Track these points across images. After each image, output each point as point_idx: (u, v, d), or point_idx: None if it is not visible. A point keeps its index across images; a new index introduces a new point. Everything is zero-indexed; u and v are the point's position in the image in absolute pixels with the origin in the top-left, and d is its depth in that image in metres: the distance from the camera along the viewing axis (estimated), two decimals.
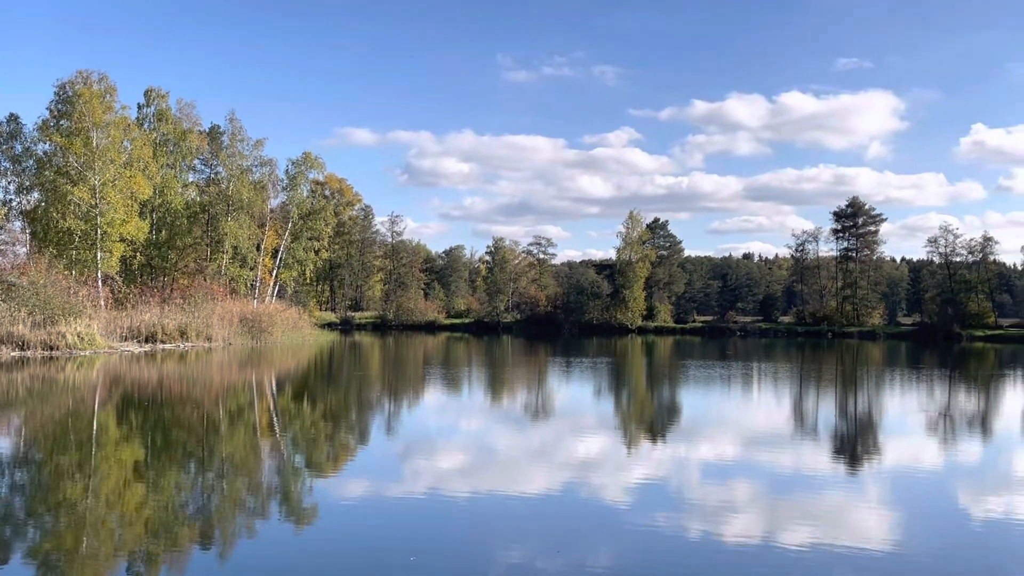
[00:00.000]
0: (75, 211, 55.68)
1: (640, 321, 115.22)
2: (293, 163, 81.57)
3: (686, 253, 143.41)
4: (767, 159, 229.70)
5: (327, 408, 27.44)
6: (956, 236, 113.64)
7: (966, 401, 32.77)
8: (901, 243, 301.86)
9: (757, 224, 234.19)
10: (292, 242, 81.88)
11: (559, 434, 21.98)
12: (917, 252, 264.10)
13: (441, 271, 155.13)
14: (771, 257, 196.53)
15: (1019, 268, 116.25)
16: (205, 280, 66.21)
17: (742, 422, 25.32)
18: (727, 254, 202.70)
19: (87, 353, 42.95)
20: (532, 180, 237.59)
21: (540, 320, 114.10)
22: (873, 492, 15.24)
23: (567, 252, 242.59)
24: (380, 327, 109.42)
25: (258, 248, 76.24)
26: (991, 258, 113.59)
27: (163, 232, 70.03)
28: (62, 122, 57.72)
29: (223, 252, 71.73)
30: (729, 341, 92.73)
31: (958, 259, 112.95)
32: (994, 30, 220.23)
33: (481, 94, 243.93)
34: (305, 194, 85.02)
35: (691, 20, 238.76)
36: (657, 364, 53.98)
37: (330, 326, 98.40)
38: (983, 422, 26.23)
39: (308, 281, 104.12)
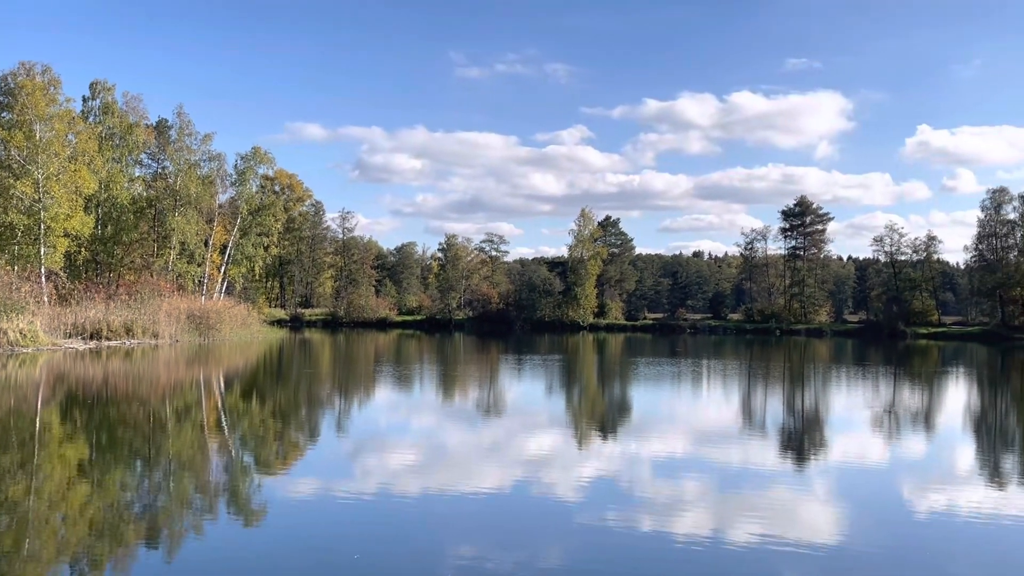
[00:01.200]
0: (17, 205, 54.48)
1: (592, 318, 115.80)
2: (242, 158, 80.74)
3: (637, 251, 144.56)
4: (717, 158, 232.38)
5: (276, 406, 27.18)
6: (901, 235, 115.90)
7: (910, 398, 33.38)
8: (848, 242, 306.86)
9: (707, 222, 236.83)
10: (241, 238, 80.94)
11: (510, 432, 21.99)
12: (863, 251, 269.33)
13: (393, 268, 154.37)
14: (721, 255, 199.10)
15: (962, 267, 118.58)
16: (152, 276, 65.23)
17: (691, 419, 25.55)
18: (678, 252, 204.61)
19: (30, 350, 42.09)
20: (485, 177, 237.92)
21: (492, 317, 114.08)
22: (820, 487, 15.45)
23: (520, 249, 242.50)
24: (331, 324, 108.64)
25: (206, 244, 75.26)
26: (935, 257, 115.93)
27: (109, 227, 68.82)
28: (4, 115, 56.58)
29: (170, 248, 70.72)
30: (679, 338, 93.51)
31: (903, 258, 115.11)
32: (939, 32, 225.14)
33: (433, 90, 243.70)
34: (254, 189, 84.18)
35: (643, 19, 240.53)
36: (608, 361, 54.26)
37: (279, 323, 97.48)
38: (926, 418, 26.74)
39: (257, 277, 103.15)
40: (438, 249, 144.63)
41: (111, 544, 11.15)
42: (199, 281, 74.22)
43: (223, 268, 79.17)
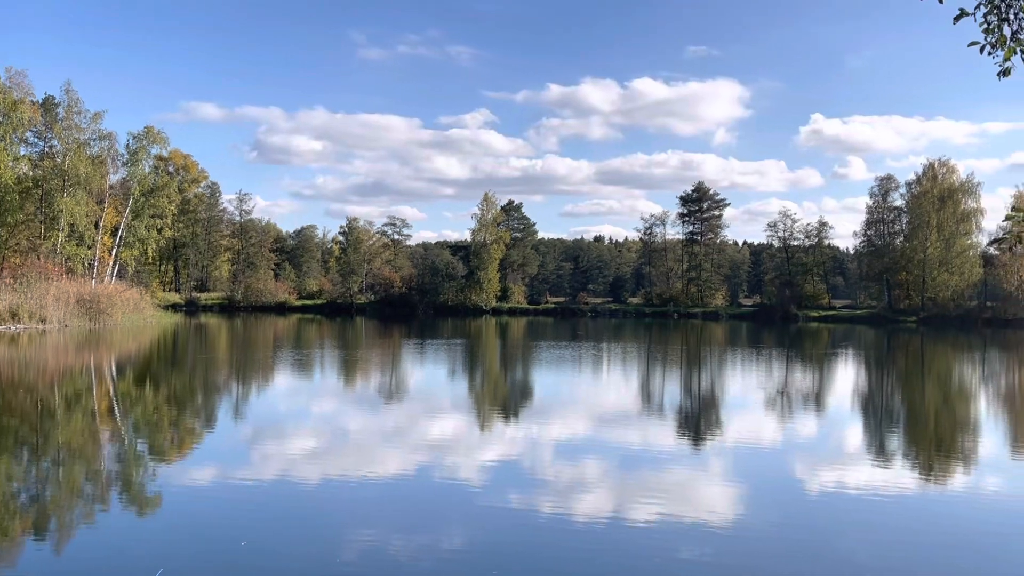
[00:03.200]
0: None
1: (494, 302, 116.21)
2: (134, 137, 78.46)
3: (540, 235, 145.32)
4: (619, 144, 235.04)
5: (171, 392, 26.50)
6: (794, 221, 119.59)
7: (801, 379, 34.45)
8: (744, 227, 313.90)
9: (608, 207, 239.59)
10: (133, 220, 78.60)
11: (412, 416, 21.90)
12: (758, 236, 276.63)
13: (292, 251, 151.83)
14: (621, 240, 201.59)
15: (851, 252, 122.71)
16: (39, 259, 62.83)
17: (592, 401, 25.88)
18: (579, 237, 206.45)
19: None
20: (387, 160, 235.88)
21: (395, 301, 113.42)
22: (716, 467, 15.82)
23: (423, 233, 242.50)
24: (228, 309, 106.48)
25: (96, 226, 72.87)
26: (826, 242, 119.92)
27: None
28: None
29: (58, 230, 68.19)
30: (580, 322, 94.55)
31: (796, 243, 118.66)
32: (835, 24, 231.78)
33: (334, 71, 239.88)
34: (147, 170, 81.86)
35: (546, 4, 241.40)
36: (510, 345, 54.51)
37: (174, 307, 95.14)
38: (817, 399, 27.64)
39: (151, 261, 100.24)
40: (339, 232, 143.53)
41: None
42: (89, 264, 71.80)
43: (114, 251, 76.80)
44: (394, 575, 9.42)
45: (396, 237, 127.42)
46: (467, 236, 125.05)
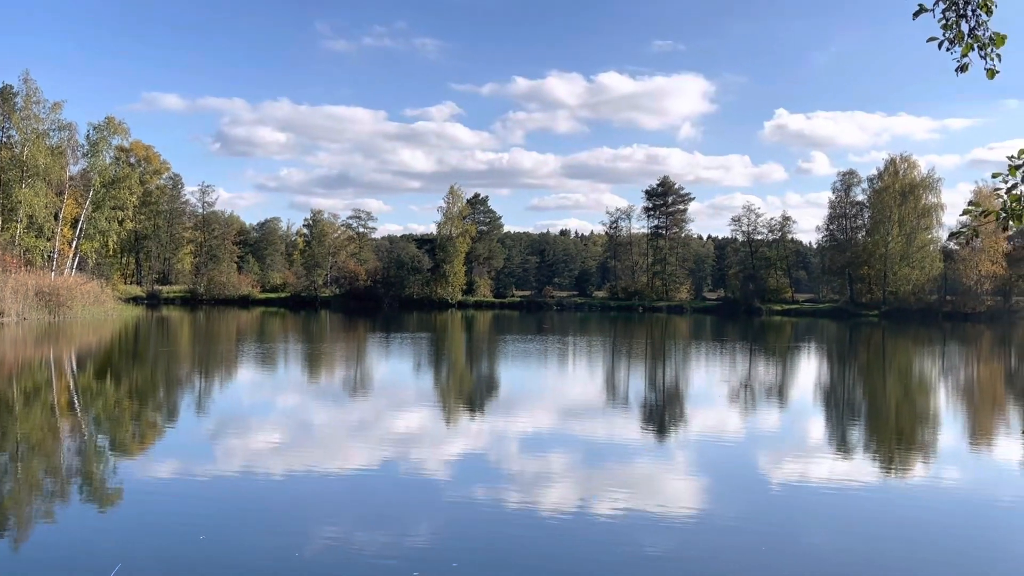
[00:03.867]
0: None
1: (460, 296, 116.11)
2: (95, 128, 77.36)
3: (506, 229, 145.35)
4: (585, 137, 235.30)
5: (132, 386, 26.19)
6: (758, 215, 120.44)
7: (765, 372, 34.74)
8: (708, 221, 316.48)
9: (574, 201, 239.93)
10: (94, 211, 77.55)
11: (378, 410, 21.81)
12: (722, 230, 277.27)
13: (256, 244, 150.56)
14: (587, 234, 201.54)
15: (814, 246, 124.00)
16: None
17: (558, 395, 25.93)
18: (545, 230, 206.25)
19: None
20: (352, 152, 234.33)
21: (360, 295, 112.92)
22: (681, 459, 15.91)
23: (388, 226, 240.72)
24: (190, 302, 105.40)
25: (56, 217, 71.82)
26: (789, 237, 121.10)
27: None
28: None
29: (17, 221, 67.13)
30: (546, 315, 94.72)
31: (759, 237, 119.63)
32: (800, 20, 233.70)
33: (298, 62, 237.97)
34: (108, 161, 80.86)
35: None
36: (476, 338, 54.47)
37: (136, 300, 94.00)
38: (780, 392, 27.89)
39: (111, 253, 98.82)
40: (303, 225, 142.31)
41: None
42: (48, 256, 70.72)
43: (74, 243, 75.75)
44: (356, 569, 9.37)
45: (361, 230, 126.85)
46: (433, 229, 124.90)
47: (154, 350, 39.87)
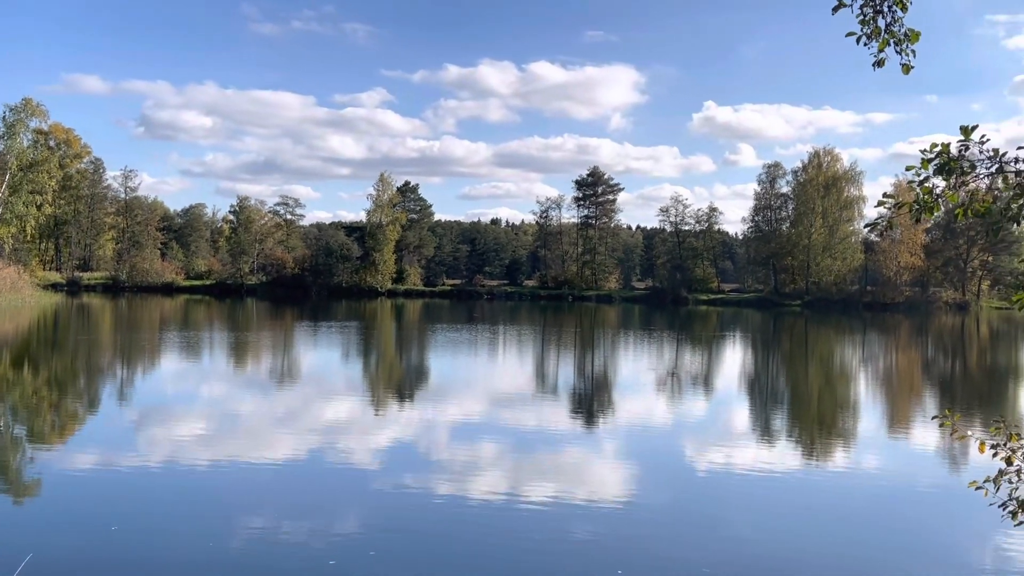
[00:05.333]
0: None
1: (390, 284, 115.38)
2: (11, 110, 75.08)
3: (437, 217, 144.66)
4: (516, 126, 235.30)
5: (51, 375, 25.50)
6: (686, 206, 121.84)
7: (691, 361, 35.26)
8: (637, 212, 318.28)
9: (505, 190, 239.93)
10: (11, 196, 75.25)
11: (305, 400, 21.61)
12: (651, 221, 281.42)
13: (180, 230, 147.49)
14: (518, 223, 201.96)
15: (740, 237, 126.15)
16: None
17: (487, 384, 25.98)
18: (476, 219, 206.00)
19: None
20: (280, 138, 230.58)
21: (287, 283, 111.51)
22: (609, 447, 16.07)
23: (316, 213, 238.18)
24: (112, 289, 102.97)
25: None
26: (716, 227, 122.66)
27: None
28: None
29: None
30: (476, 304, 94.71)
31: (687, 228, 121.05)
32: (730, 13, 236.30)
33: (225, 45, 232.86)
34: (26, 144, 78.54)
35: None
36: (406, 327, 54.25)
37: (55, 287, 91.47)
38: (706, 380, 28.34)
39: (29, 238, 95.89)
40: (229, 211, 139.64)
41: None
42: None
43: None
44: (272, 559, 9.26)
45: (289, 217, 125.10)
46: (362, 217, 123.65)
47: (74, 338, 38.87)
